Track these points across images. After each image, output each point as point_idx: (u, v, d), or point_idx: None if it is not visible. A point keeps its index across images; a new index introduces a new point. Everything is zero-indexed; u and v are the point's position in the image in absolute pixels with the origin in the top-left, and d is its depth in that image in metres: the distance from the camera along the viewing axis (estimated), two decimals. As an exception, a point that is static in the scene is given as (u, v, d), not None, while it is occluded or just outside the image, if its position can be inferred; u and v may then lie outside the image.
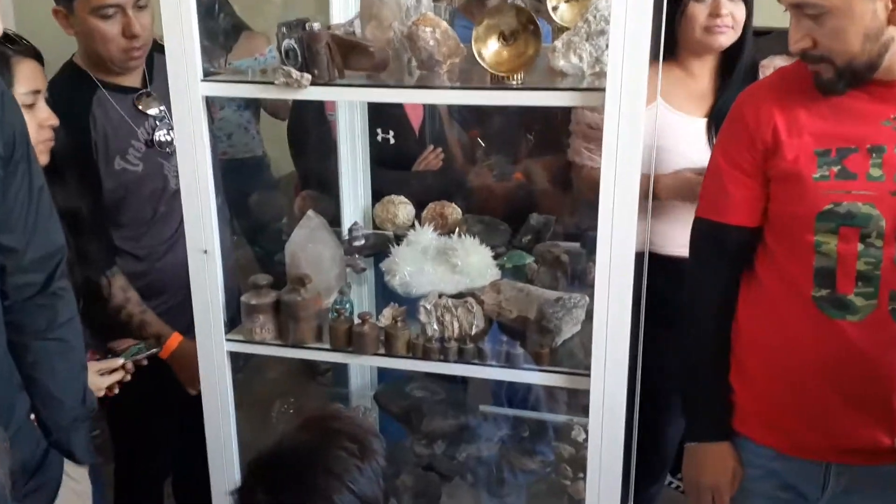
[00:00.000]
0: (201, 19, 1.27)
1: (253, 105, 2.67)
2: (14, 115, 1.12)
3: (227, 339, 1.45)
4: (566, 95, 1.22)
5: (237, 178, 2.34)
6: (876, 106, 1.19)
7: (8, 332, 1.14)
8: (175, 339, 1.68)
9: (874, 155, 1.18)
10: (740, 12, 1.71)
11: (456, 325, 1.40)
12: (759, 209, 1.30)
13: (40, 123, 1.41)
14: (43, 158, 1.40)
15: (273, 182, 2.79)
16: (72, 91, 1.67)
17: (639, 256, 1.24)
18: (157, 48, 1.66)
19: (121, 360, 1.54)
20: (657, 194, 1.69)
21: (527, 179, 2.31)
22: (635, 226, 1.19)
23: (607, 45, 1.24)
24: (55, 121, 1.44)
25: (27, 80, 1.38)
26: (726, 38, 1.72)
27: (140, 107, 1.70)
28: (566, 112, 2.03)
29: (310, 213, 1.55)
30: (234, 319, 1.46)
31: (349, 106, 1.81)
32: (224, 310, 1.43)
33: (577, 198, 2.08)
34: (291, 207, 2.00)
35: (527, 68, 1.24)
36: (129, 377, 1.55)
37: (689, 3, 1.70)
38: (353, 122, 1.84)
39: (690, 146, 1.78)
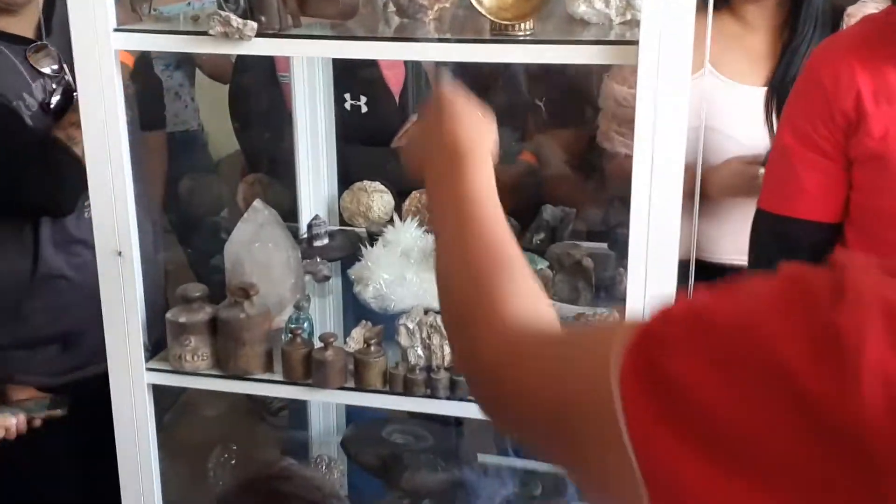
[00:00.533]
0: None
1: (186, 65, 2.67)
2: None
3: (149, 369, 1.43)
4: (587, 51, 1.21)
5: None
6: None
7: None
8: None
9: None
10: None
11: (447, 349, 1.39)
12: (839, 201, 1.30)
13: None
14: None
15: (211, 164, 2.79)
16: None
17: (682, 265, 1.23)
18: None
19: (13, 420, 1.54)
20: (706, 191, 1.69)
21: (537, 161, 2.31)
22: (678, 228, 1.18)
23: None
24: None
25: None
26: None
27: (32, 62, 1.68)
28: (589, 72, 2.03)
29: (257, 203, 1.54)
30: (159, 342, 1.45)
31: (308, 64, 1.81)
32: (144, 330, 1.42)
33: (604, 186, 2.08)
34: (234, 196, 2.00)
35: (537, 14, 1.23)
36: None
37: None
38: (313, 86, 1.84)
39: (744, 126, 1.79)
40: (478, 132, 0.89)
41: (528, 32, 1.22)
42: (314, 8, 1.31)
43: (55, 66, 1.68)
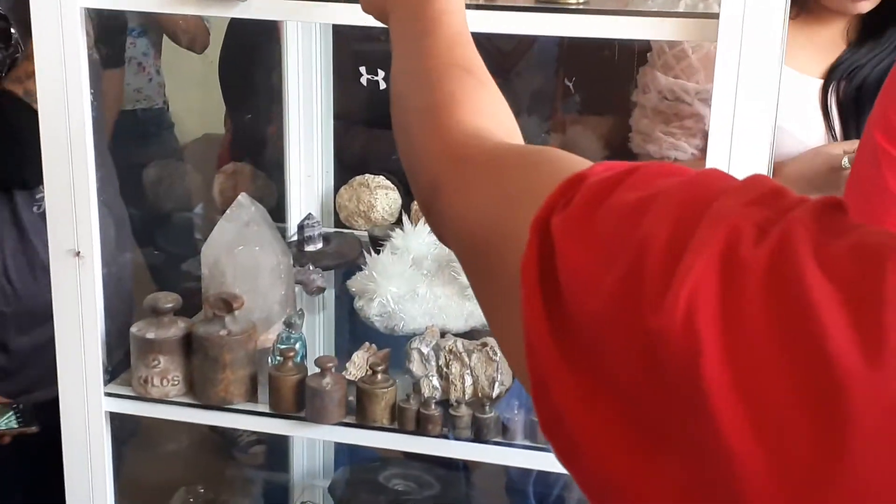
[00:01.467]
0: None
1: (153, 29, 2.64)
2: None
3: (108, 394, 1.41)
4: (655, 24, 1.20)
5: (124, 140, 2.31)
6: None
7: None
8: None
9: None
10: None
11: (469, 380, 1.38)
12: None
13: None
14: None
15: (177, 149, 2.77)
16: None
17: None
18: None
19: None
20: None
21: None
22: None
23: None
24: None
25: None
26: (869, 4, 1.73)
27: None
28: (630, 48, 2.00)
29: (241, 197, 1.52)
30: (120, 363, 1.44)
31: (302, 29, 1.79)
32: (103, 347, 1.40)
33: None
34: (209, 188, 1.97)
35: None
36: None
37: None
38: (307, 54, 1.82)
39: (800, 119, 1.79)
40: None
41: (581, 1, 1.21)
42: None
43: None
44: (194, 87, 2.99)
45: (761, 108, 1.14)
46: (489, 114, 0.77)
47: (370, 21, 1.35)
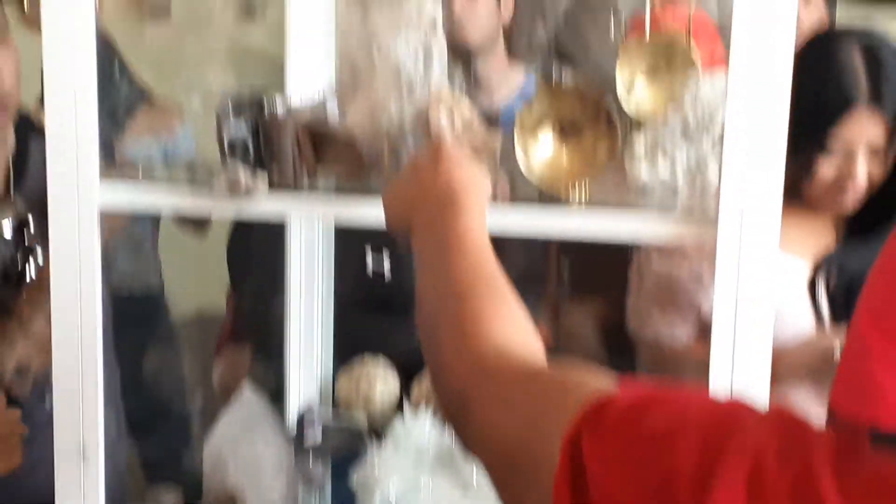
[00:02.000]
0: (100, 88, 1.29)
1: (154, 214, 2.66)
2: None
3: None
4: (654, 224, 1.23)
5: (120, 328, 2.30)
6: None
7: None
8: None
9: None
10: (879, 169, 1.77)
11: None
12: None
13: None
14: None
15: (172, 332, 2.75)
16: None
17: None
18: (31, 127, 1.66)
19: None
20: (776, 374, 1.69)
21: (557, 339, 2.28)
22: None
23: (713, 148, 1.28)
24: None
25: None
26: (853, 204, 1.79)
27: None
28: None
29: (246, 391, 1.52)
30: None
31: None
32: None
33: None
34: (208, 374, 1.97)
35: (595, 178, 1.25)
36: None
37: (815, 154, 1.75)
38: (310, 242, 1.84)
39: (789, 297, 1.81)
40: (473, 177, 0.97)
41: (583, 198, 1.25)
42: (332, 159, 1.32)
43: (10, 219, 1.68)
44: (190, 266, 2.99)
45: (757, 302, 1.16)
46: (514, 328, 0.80)
47: (360, 216, 1.39)
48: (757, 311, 1.16)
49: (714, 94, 1.29)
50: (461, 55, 2.40)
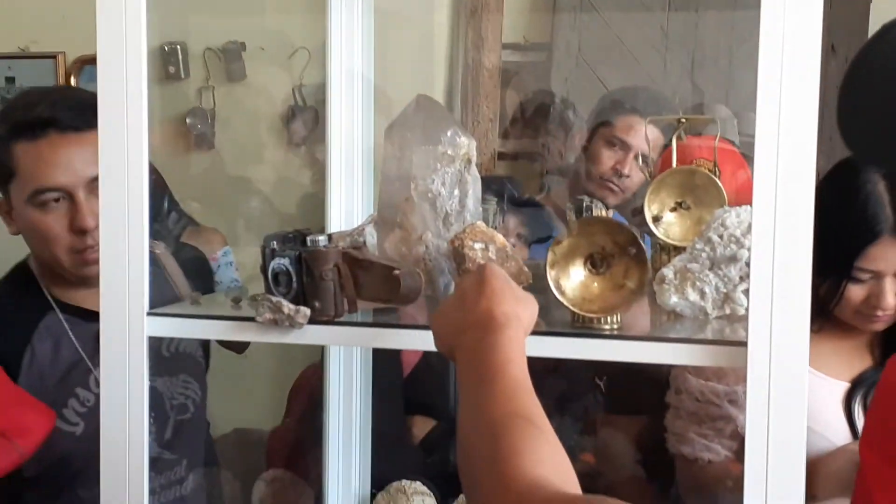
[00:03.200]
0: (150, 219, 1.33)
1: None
2: None
3: None
4: (684, 350, 1.25)
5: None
6: None
7: None
8: None
9: None
10: None
11: None
12: None
13: None
14: None
15: (213, 452, 2.75)
16: (14, 307, 1.75)
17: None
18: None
19: None
20: (813, 491, 1.68)
21: (601, 461, 2.27)
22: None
23: (741, 278, 1.31)
24: None
25: None
26: (884, 325, 1.83)
27: None
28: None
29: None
30: None
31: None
32: None
33: (676, 497, 2.04)
34: (248, 496, 1.97)
35: (626, 307, 1.28)
36: None
37: (843, 280, 1.79)
38: (349, 365, 1.86)
39: (828, 421, 1.83)
40: (515, 305, 0.98)
41: (615, 326, 1.27)
42: (371, 291, 1.33)
43: None
44: (230, 386, 3.00)
45: (793, 415, 1.16)
46: (549, 463, 0.80)
47: (401, 343, 1.41)
48: (789, 432, 1.17)
49: (740, 225, 1.32)
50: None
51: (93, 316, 1.74)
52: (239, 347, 2.62)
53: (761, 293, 1.16)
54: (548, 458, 0.82)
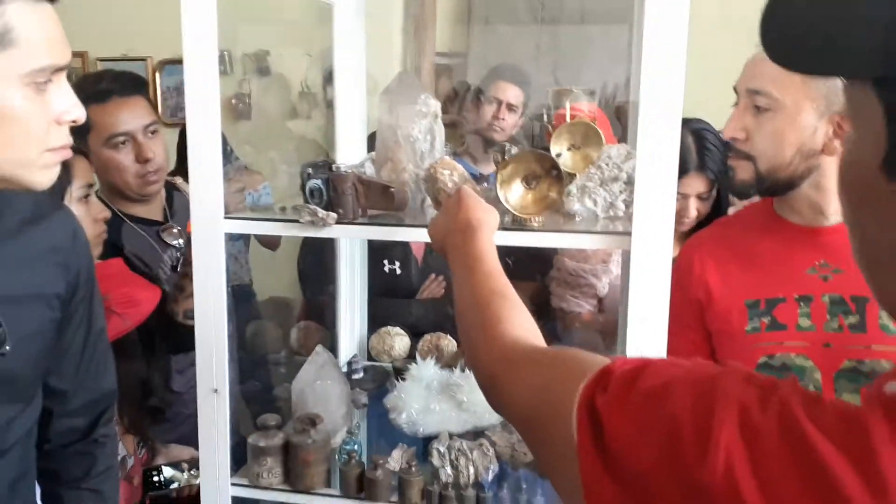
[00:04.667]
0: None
1: (246, 235, 2.55)
2: (82, 254, 1.00)
3: (233, 484, 1.26)
4: (591, 238, 1.14)
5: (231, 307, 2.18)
6: (800, 253, 1.12)
7: (41, 481, 1.01)
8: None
9: (802, 304, 1.10)
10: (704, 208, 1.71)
11: (471, 469, 1.25)
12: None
13: (94, 217, 1.39)
14: (97, 251, 1.38)
15: (257, 310, 2.64)
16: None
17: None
18: (174, 187, 1.59)
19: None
20: None
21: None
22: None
23: (620, 191, 1.20)
24: (107, 213, 1.42)
25: (82, 175, 1.38)
26: (688, 227, 1.73)
27: (164, 237, 1.66)
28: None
29: (318, 348, 1.41)
30: (239, 461, 1.29)
31: (350, 240, 1.71)
32: (230, 451, 1.25)
33: (557, 336, 1.98)
34: (286, 338, 1.84)
35: (549, 210, 1.16)
36: None
37: None
38: (352, 255, 1.74)
39: None
40: (484, 213, 0.90)
41: (540, 224, 1.16)
42: (376, 203, 1.23)
43: (181, 240, 1.62)
44: (266, 268, 2.88)
45: (658, 287, 1.07)
46: (523, 326, 0.72)
47: (393, 236, 1.29)
48: (656, 297, 1.08)
49: (618, 157, 1.22)
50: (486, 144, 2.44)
51: (151, 223, 1.64)
52: (273, 246, 2.49)
53: (642, 200, 1.06)
54: (520, 323, 0.73)
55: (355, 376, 1.62)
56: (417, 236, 1.40)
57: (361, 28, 1.62)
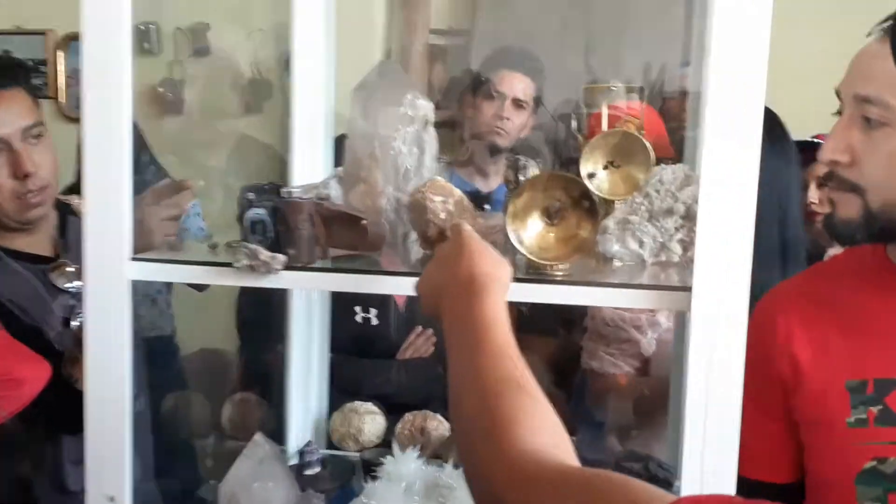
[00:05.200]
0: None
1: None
2: None
3: None
4: (634, 294, 1.07)
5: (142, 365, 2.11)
6: None
7: None
8: None
9: None
10: None
11: None
12: (789, 460, 1.15)
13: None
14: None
15: (181, 373, 2.56)
16: None
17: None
18: (69, 210, 1.52)
19: None
20: None
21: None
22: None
23: (676, 229, 1.15)
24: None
25: None
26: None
27: (54, 279, 1.58)
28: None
29: (258, 437, 1.34)
30: None
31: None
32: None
33: (585, 406, 1.93)
34: (217, 416, 1.77)
35: (578, 254, 1.10)
36: None
37: None
38: (309, 301, 1.68)
39: None
40: (493, 267, 0.87)
41: (566, 273, 1.10)
42: (341, 239, 1.18)
43: (78, 282, 1.55)
44: (194, 314, 2.83)
45: (729, 359, 1.01)
46: (545, 431, 0.67)
47: (363, 287, 1.24)
48: (729, 371, 1.01)
49: (675, 181, 1.16)
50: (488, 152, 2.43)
51: (38, 259, 1.58)
52: (200, 286, 2.42)
53: (707, 242, 0.99)
54: (540, 427, 0.68)
55: (308, 472, 1.54)
56: (398, 288, 1.36)
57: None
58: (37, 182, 1.53)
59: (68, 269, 1.58)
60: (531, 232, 1.10)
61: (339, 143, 1.47)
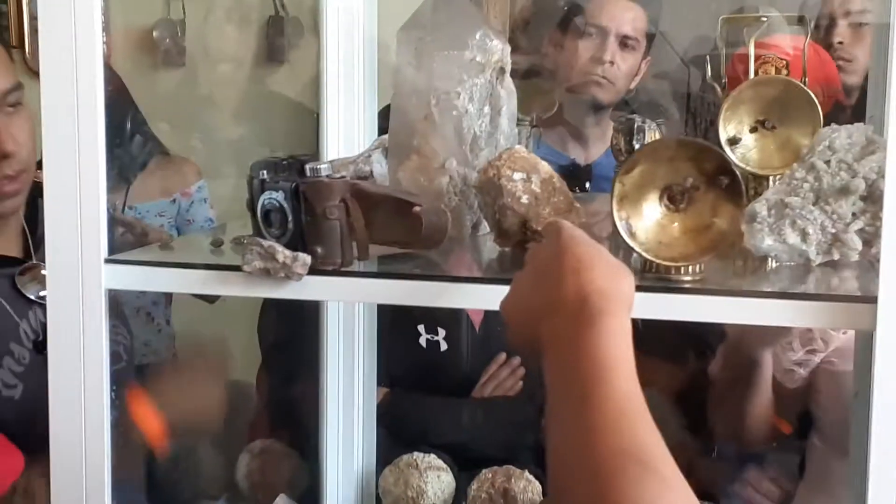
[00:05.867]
0: (109, 150, 1.18)
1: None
2: None
3: None
4: (792, 308, 1.07)
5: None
6: None
7: None
8: None
9: None
10: None
11: None
12: None
13: None
14: None
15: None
16: None
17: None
18: (40, 194, 1.60)
19: None
20: None
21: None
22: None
23: (854, 215, 1.15)
24: None
25: None
26: None
27: (23, 288, 1.65)
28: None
29: (281, 501, 1.38)
30: None
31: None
32: None
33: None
34: (231, 471, 1.84)
35: (716, 251, 1.11)
36: None
37: None
38: (352, 317, 1.73)
39: None
40: (611, 279, 0.87)
41: (696, 277, 1.10)
42: (385, 232, 1.20)
43: None
44: (206, 335, 2.92)
45: None
46: None
47: (420, 299, 1.26)
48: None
49: (851, 148, 1.16)
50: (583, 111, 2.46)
51: (4, 262, 1.65)
52: (209, 296, 2.50)
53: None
54: None
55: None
56: (466, 299, 1.36)
57: None
58: (14, 165, 1.58)
59: (43, 272, 1.64)
60: (647, 220, 1.11)
61: (384, 115, 1.51)
